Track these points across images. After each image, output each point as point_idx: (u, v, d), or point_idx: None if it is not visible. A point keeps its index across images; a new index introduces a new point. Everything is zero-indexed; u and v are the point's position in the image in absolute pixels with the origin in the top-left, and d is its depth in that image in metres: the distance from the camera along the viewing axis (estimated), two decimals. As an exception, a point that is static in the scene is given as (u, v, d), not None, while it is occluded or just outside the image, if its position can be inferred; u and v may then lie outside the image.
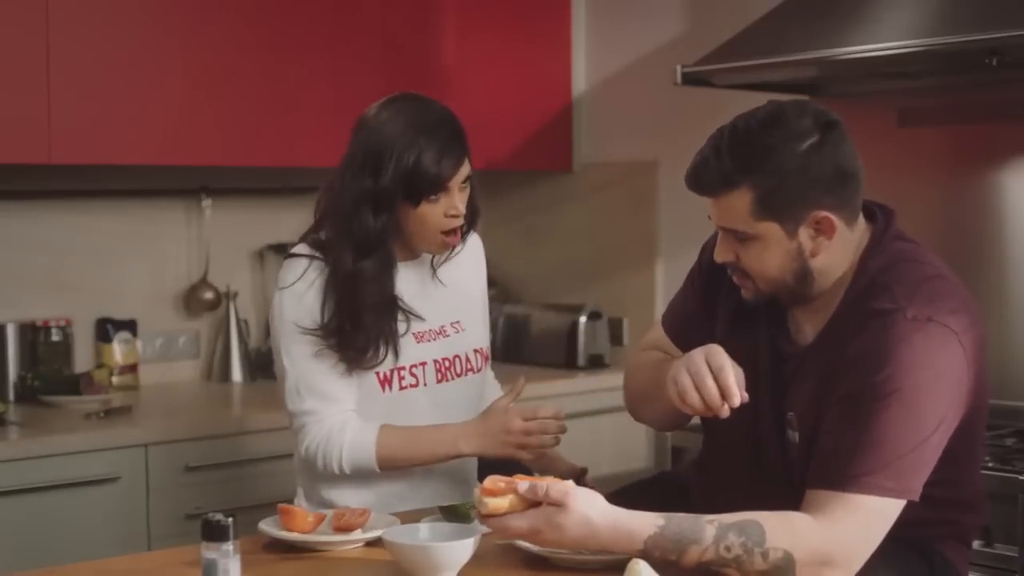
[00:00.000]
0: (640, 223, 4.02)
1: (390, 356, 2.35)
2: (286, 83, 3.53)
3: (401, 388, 2.38)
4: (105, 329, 3.61)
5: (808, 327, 2.02)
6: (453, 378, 2.44)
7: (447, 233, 2.34)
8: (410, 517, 2.15)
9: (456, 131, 2.31)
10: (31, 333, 3.48)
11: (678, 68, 3.27)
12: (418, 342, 2.39)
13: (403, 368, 2.38)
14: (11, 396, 3.40)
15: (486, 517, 1.83)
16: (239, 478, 3.15)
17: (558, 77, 4.16)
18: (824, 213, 1.90)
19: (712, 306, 2.17)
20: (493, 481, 1.83)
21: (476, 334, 2.50)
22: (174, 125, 3.36)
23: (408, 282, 2.41)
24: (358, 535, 2.06)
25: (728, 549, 1.79)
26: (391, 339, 2.35)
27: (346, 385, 2.36)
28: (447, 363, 2.44)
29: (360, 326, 2.31)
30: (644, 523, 1.82)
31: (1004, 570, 2.60)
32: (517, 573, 1.93)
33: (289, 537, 2.05)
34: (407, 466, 2.35)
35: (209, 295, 3.79)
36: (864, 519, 1.82)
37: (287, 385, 2.37)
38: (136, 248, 3.71)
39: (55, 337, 3.50)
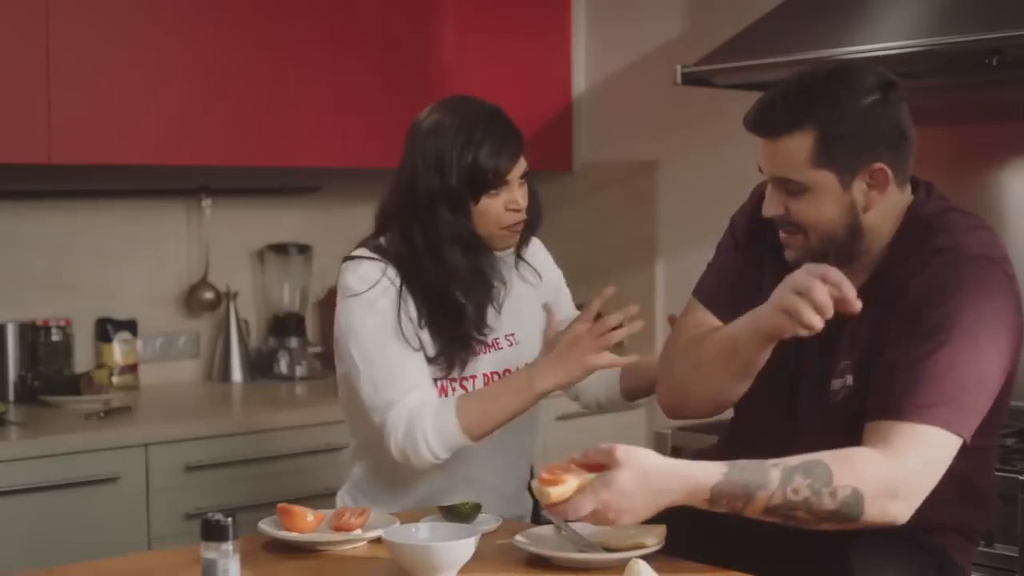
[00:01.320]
0: (640, 223, 4.02)
1: (457, 365, 2.34)
2: (286, 83, 3.53)
3: None
4: (105, 329, 3.61)
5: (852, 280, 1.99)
6: None
7: (508, 228, 2.35)
8: (410, 517, 2.15)
9: (509, 125, 2.35)
10: (31, 333, 3.48)
11: (678, 68, 3.27)
12: (472, 354, 2.37)
13: (454, 379, 2.36)
14: (11, 396, 3.40)
15: (553, 506, 1.80)
16: (239, 478, 3.15)
17: (558, 77, 4.16)
18: (880, 165, 1.92)
19: (754, 273, 2.13)
20: (550, 470, 1.82)
21: (529, 348, 2.44)
22: (174, 125, 3.36)
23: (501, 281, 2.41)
24: (358, 535, 2.06)
25: (796, 492, 1.78)
26: (468, 351, 2.34)
27: (422, 370, 2.31)
28: (497, 377, 2.41)
29: (451, 324, 2.30)
30: (707, 471, 1.81)
31: (1004, 570, 2.60)
32: (517, 573, 1.93)
33: (289, 537, 2.05)
34: (497, 426, 2.28)
35: (209, 295, 3.79)
36: (927, 450, 1.83)
37: (362, 382, 2.31)
38: (136, 248, 3.71)
39: (55, 337, 3.50)
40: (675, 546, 1.96)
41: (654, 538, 1.94)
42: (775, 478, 1.79)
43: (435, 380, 2.34)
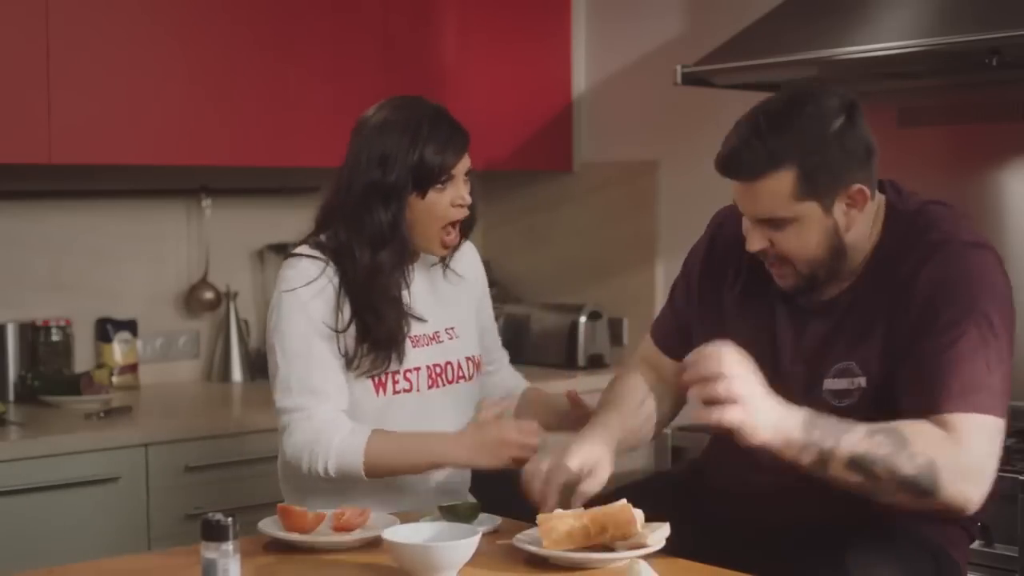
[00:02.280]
0: (640, 223, 4.02)
1: (394, 359, 2.36)
2: (286, 83, 3.53)
3: (395, 392, 2.38)
4: (105, 329, 3.61)
5: (830, 288, 2.05)
6: (444, 384, 2.44)
7: (449, 227, 2.36)
8: (410, 517, 2.15)
9: (454, 122, 2.38)
10: (31, 333, 3.48)
11: (678, 68, 3.27)
12: (414, 346, 2.40)
13: (398, 372, 2.38)
14: (11, 396, 3.40)
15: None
16: (239, 478, 3.15)
17: (558, 77, 4.16)
18: (858, 186, 1.97)
19: (710, 305, 2.19)
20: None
21: (469, 342, 2.51)
22: (174, 125, 3.36)
23: (410, 285, 2.43)
24: (358, 535, 2.06)
25: (879, 446, 1.83)
26: (402, 339, 2.36)
27: (340, 384, 2.34)
28: (439, 369, 2.44)
29: (383, 319, 2.32)
30: (796, 407, 1.86)
31: (1004, 570, 2.60)
32: (517, 573, 1.93)
33: (289, 537, 2.05)
34: (393, 474, 2.31)
35: (209, 295, 3.79)
36: (985, 437, 1.87)
37: (278, 381, 2.36)
38: (136, 248, 3.71)
39: (55, 337, 3.50)
40: (675, 546, 1.96)
41: (654, 538, 1.94)
42: (860, 429, 1.85)
43: (374, 375, 2.36)
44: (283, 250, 3.89)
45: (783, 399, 1.89)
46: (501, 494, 2.25)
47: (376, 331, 2.33)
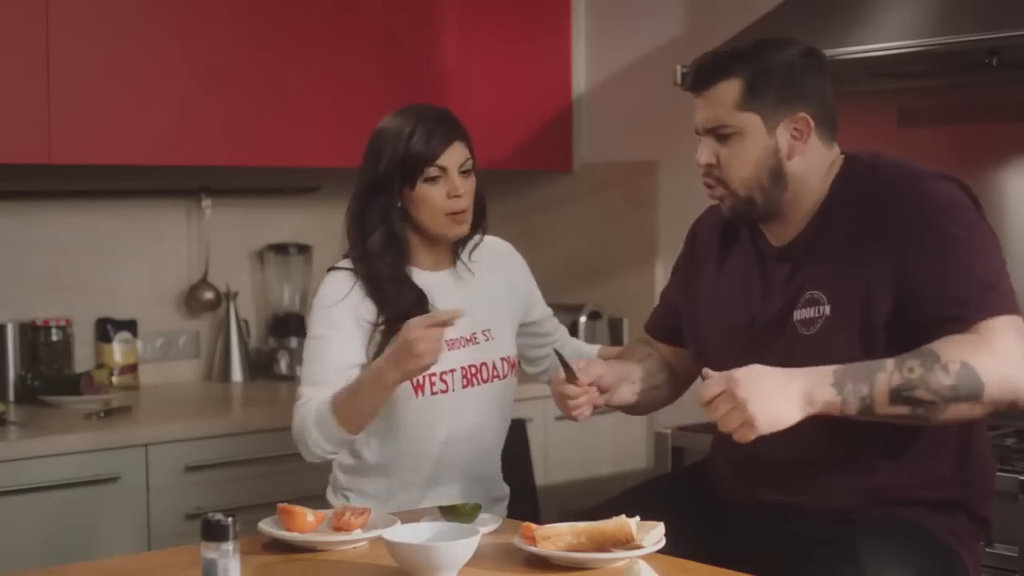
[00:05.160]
0: (640, 223, 4.02)
1: None
2: (286, 83, 3.53)
3: (432, 393, 2.45)
4: (105, 329, 3.61)
5: (787, 231, 2.14)
6: (479, 384, 2.50)
7: (452, 215, 2.43)
8: (410, 517, 2.15)
9: (445, 116, 2.46)
10: (31, 333, 3.48)
11: (678, 68, 3.27)
12: (449, 349, 2.44)
13: (435, 375, 2.44)
14: (11, 396, 3.40)
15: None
16: (239, 478, 3.16)
17: (558, 77, 4.16)
18: (803, 115, 2.07)
19: (695, 283, 2.31)
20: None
21: (504, 342, 2.57)
22: (174, 125, 3.36)
23: (440, 290, 2.49)
24: (358, 535, 2.06)
25: (911, 370, 1.88)
26: None
27: (338, 371, 2.40)
28: (474, 369, 2.50)
29: (390, 300, 2.41)
30: (823, 367, 1.91)
31: (1004, 570, 2.60)
32: (517, 573, 1.93)
33: (289, 537, 2.05)
34: (366, 417, 2.35)
35: (209, 295, 3.79)
36: (1013, 331, 1.92)
37: (301, 375, 2.47)
38: (136, 248, 3.71)
39: (55, 337, 3.50)
40: (675, 546, 1.96)
41: (654, 538, 1.94)
42: (890, 363, 1.89)
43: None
44: (283, 250, 3.91)
45: (799, 366, 1.94)
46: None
47: (388, 314, 2.41)
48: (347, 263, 2.48)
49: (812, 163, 2.10)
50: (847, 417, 1.91)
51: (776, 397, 1.87)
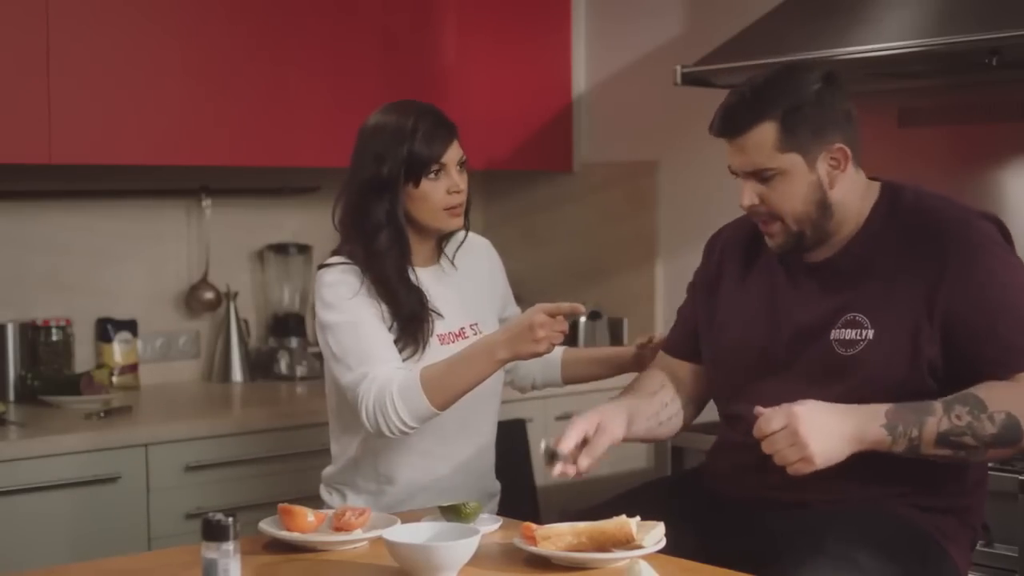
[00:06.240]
0: (640, 223, 4.02)
1: (420, 342, 2.44)
2: (286, 83, 3.53)
3: None
4: (105, 329, 3.61)
5: (823, 250, 2.17)
6: None
7: (450, 209, 2.48)
8: (410, 517, 2.15)
9: (440, 117, 2.50)
10: (31, 333, 3.48)
11: (678, 68, 3.28)
12: (441, 344, 2.47)
13: None
14: (11, 396, 3.40)
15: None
16: (239, 478, 3.15)
17: (558, 77, 4.16)
18: (839, 144, 2.11)
19: (714, 299, 2.32)
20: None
21: None
22: (174, 125, 3.36)
23: (430, 286, 2.51)
24: (358, 535, 2.06)
25: (959, 418, 1.95)
26: (424, 318, 2.46)
27: (391, 346, 2.42)
28: None
29: (400, 301, 2.43)
30: (874, 405, 1.96)
31: (1004, 570, 2.60)
32: (517, 573, 1.93)
33: (289, 537, 2.05)
34: (459, 395, 2.35)
35: (209, 295, 3.79)
36: None
37: (336, 365, 2.42)
38: (136, 248, 3.71)
39: (55, 337, 3.50)
40: (676, 546, 1.96)
41: (654, 538, 1.94)
42: (938, 407, 1.96)
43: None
44: (283, 250, 3.90)
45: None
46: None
47: (397, 314, 2.43)
48: (339, 259, 2.47)
49: (851, 187, 2.14)
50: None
51: (834, 435, 1.93)
